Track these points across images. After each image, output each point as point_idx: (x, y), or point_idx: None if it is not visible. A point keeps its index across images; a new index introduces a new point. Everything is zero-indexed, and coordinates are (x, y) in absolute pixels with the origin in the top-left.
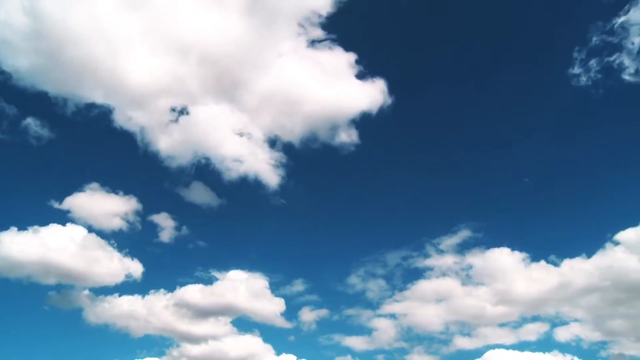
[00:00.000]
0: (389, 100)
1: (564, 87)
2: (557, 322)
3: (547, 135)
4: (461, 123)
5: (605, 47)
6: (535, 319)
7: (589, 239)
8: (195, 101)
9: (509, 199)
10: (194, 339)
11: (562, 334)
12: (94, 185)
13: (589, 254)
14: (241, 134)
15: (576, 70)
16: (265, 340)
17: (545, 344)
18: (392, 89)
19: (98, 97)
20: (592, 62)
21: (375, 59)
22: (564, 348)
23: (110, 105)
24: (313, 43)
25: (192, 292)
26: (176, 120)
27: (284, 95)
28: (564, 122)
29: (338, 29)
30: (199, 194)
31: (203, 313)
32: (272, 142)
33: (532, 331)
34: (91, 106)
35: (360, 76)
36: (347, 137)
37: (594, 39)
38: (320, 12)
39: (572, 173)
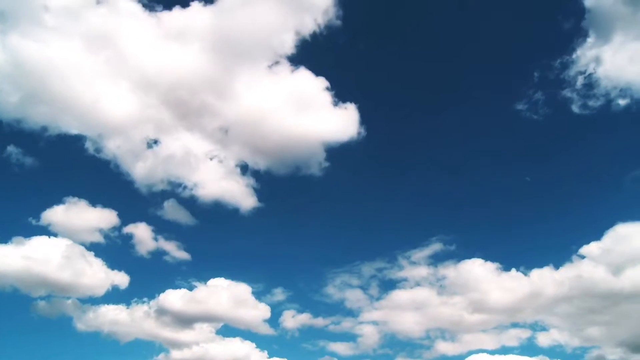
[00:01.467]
0: (360, 124)
1: (518, 119)
2: (537, 328)
3: (513, 159)
4: (430, 145)
5: (552, 83)
6: (514, 325)
7: (555, 252)
8: (166, 130)
9: (477, 215)
10: (181, 345)
11: (544, 340)
12: (74, 199)
13: (557, 266)
14: (212, 159)
15: (529, 101)
16: (252, 345)
17: (528, 349)
18: (362, 114)
19: (73, 128)
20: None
21: (345, 85)
22: (547, 353)
23: (85, 135)
24: (282, 70)
25: (176, 300)
26: (149, 148)
27: (253, 123)
28: (530, 146)
29: (309, 57)
30: (175, 213)
31: (188, 320)
32: (244, 167)
33: (514, 337)
34: (67, 136)
35: (331, 102)
36: (319, 160)
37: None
38: (287, 40)
39: (535, 192)
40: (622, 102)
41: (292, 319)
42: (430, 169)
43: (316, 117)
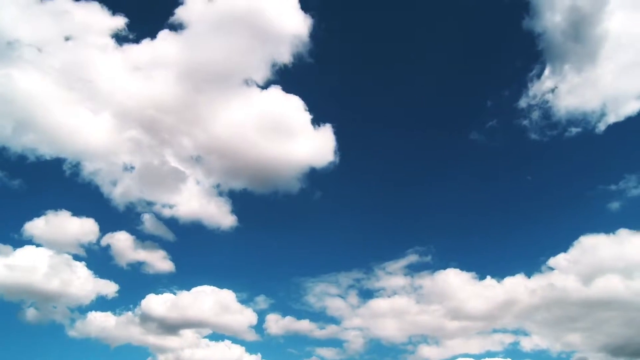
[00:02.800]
0: (336, 143)
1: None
2: (519, 333)
3: (481, 178)
4: (400, 164)
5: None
6: (496, 331)
7: (526, 262)
8: (143, 155)
9: (450, 228)
10: (168, 350)
11: (527, 345)
12: (56, 211)
13: (529, 275)
14: (189, 181)
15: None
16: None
17: (512, 353)
18: (338, 134)
19: (53, 153)
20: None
21: (320, 108)
22: (532, 357)
23: (65, 158)
24: (254, 94)
25: (161, 307)
26: (126, 171)
27: (227, 146)
28: (497, 168)
29: (282, 80)
30: (155, 228)
31: (175, 326)
32: (221, 188)
33: (498, 342)
34: (47, 160)
35: (307, 124)
36: (295, 179)
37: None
38: (259, 64)
39: (504, 208)
40: (574, 129)
41: (277, 326)
42: (404, 185)
43: (291, 138)
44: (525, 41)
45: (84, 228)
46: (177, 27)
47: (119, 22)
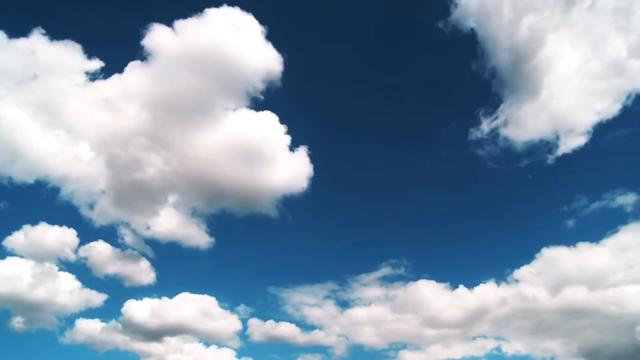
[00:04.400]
0: (310, 165)
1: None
2: (499, 339)
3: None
4: (372, 184)
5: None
6: (475, 338)
7: (495, 273)
8: (119, 180)
9: (421, 242)
10: (154, 356)
11: (508, 350)
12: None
13: (498, 284)
14: (166, 206)
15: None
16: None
17: (494, 359)
18: (312, 157)
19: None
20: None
21: (294, 133)
22: None
23: (43, 181)
24: (226, 120)
25: (145, 314)
26: (103, 194)
27: (204, 170)
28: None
29: (256, 104)
30: (135, 244)
31: (159, 332)
32: (197, 212)
33: (479, 347)
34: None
35: (283, 148)
36: (270, 201)
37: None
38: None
39: (471, 223)
40: (526, 156)
41: (260, 333)
42: (375, 203)
43: (266, 163)
44: (474, 80)
45: (64, 239)
46: (145, 60)
47: (93, 63)
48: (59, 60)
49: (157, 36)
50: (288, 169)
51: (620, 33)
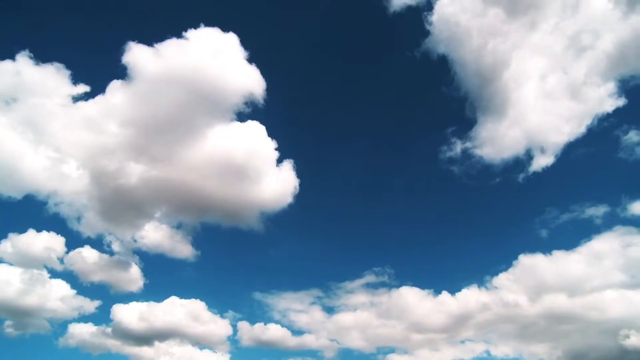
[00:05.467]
0: (296, 178)
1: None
2: (488, 342)
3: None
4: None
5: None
6: (463, 341)
7: (475, 279)
8: (105, 194)
9: (403, 251)
10: (147, 358)
11: (497, 354)
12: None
13: (480, 290)
14: (152, 220)
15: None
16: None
17: None
18: (298, 170)
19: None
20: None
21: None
22: None
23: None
24: (206, 137)
25: (136, 317)
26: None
27: (190, 188)
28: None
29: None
30: (123, 253)
31: (151, 336)
32: (183, 225)
33: (468, 350)
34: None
35: (267, 163)
36: (255, 215)
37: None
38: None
39: (451, 235)
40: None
41: (250, 337)
42: (358, 214)
43: (252, 177)
44: (445, 103)
45: (53, 245)
46: (128, 79)
47: (78, 86)
48: (44, 82)
49: (138, 56)
50: (273, 182)
51: (582, 55)
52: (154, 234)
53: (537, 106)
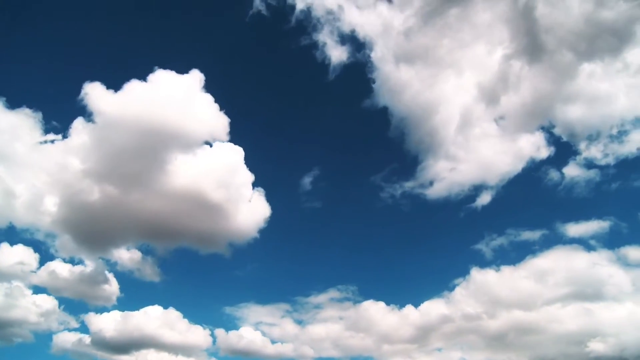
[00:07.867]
0: (266, 204)
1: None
2: (462, 350)
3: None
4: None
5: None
6: (439, 349)
7: (435, 292)
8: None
9: (366, 269)
10: None
11: None
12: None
13: (440, 302)
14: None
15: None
16: None
17: None
18: (267, 195)
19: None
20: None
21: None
22: None
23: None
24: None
25: (112, 327)
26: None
27: (158, 217)
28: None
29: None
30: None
31: (129, 345)
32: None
33: (444, 357)
34: None
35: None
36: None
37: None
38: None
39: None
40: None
41: (228, 347)
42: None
43: (221, 207)
44: (390, 146)
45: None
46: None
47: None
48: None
49: (100, 97)
50: (243, 211)
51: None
52: (123, 261)
53: (476, 146)
